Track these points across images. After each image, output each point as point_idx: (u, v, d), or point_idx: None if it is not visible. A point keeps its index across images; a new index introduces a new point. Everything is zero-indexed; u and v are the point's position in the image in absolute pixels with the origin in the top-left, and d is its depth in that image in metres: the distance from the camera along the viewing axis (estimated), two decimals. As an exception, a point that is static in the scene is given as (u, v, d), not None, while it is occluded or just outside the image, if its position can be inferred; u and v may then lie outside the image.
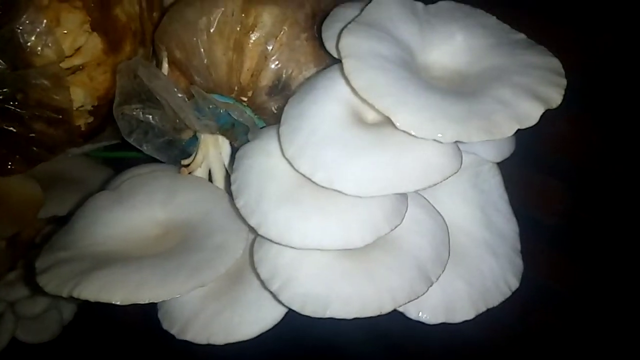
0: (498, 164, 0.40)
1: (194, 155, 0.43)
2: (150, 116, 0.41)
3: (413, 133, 0.28)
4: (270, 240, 0.32)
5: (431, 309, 0.35)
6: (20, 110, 0.44)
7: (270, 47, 0.39)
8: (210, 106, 0.37)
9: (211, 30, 0.39)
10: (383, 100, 0.28)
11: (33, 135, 0.45)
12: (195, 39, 0.39)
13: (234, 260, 0.34)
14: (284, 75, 0.39)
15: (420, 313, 0.35)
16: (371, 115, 0.32)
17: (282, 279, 0.33)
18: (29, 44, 0.41)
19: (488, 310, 0.36)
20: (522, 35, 0.34)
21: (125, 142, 0.58)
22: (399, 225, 0.32)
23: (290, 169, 0.33)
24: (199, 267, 0.33)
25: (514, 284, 0.38)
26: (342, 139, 0.30)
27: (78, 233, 0.38)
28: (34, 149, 0.47)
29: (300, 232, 0.31)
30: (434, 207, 0.36)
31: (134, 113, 0.41)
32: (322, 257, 0.33)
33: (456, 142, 0.29)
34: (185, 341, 0.36)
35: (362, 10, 0.33)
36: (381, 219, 0.31)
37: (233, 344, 0.37)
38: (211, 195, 0.39)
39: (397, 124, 0.28)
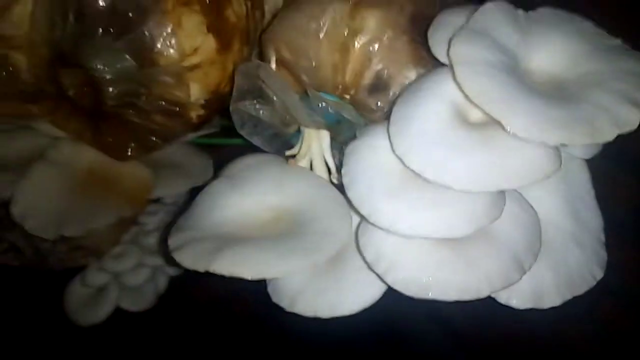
0: (587, 161, 0.42)
1: (298, 147, 0.47)
2: (261, 111, 0.45)
3: (522, 136, 0.31)
4: (380, 228, 0.35)
5: (520, 295, 0.38)
6: (143, 104, 0.49)
7: (373, 49, 0.42)
8: (321, 104, 0.41)
9: (320, 34, 0.43)
10: (494, 106, 0.31)
11: (152, 125, 0.51)
12: (304, 41, 0.43)
13: (342, 243, 0.39)
14: (384, 75, 0.43)
15: (510, 298, 0.38)
16: (474, 116, 0.35)
17: (387, 262, 0.37)
18: (156, 45, 0.46)
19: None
20: (617, 41, 0.36)
21: (222, 131, 0.63)
22: (497, 218, 0.35)
23: (397, 164, 0.36)
24: (312, 249, 0.37)
25: (599, 274, 0.40)
26: (449, 139, 0.34)
27: (200, 216, 0.43)
28: (152, 138, 0.52)
29: (407, 221, 0.34)
30: (526, 201, 0.39)
31: (247, 108, 0.46)
32: (423, 245, 0.36)
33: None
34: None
35: (468, 17, 0.36)
36: (482, 212, 0.34)
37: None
38: (316, 184, 0.43)
39: (508, 128, 0.31)
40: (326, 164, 0.46)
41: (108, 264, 0.69)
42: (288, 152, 0.47)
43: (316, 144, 0.46)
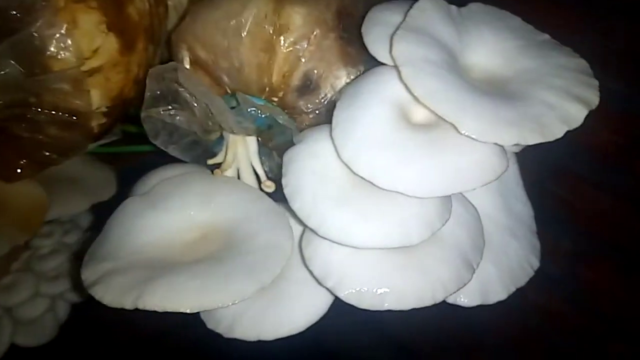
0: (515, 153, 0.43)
1: (222, 155, 0.43)
2: (177, 118, 0.41)
3: (475, 138, 0.30)
4: (330, 240, 0.33)
5: (468, 293, 0.38)
6: (33, 115, 0.42)
7: (301, 48, 0.39)
8: (250, 109, 0.38)
9: (242, 33, 0.39)
10: (445, 107, 0.30)
11: (46, 139, 0.44)
12: (224, 40, 0.40)
13: (287, 258, 0.36)
14: (314, 75, 0.40)
15: (459, 298, 0.38)
16: (417, 117, 0.34)
17: (337, 276, 0.34)
18: (47, 47, 0.40)
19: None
20: (546, 36, 0.37)
21: (125, 139, 0.57)
22: (448, 219, 0.34)
23: (342, 170, 0.34)
24: (255, 269, 0.34)
25: (536, 264, 0.41)
26: (397, 142, 0.32)
27: (116, 242, 0.38)
28: (46, 153, 0.45)
29: (360, 232, 0.32)
30: (466, 198, 0.38)
31: (161, 116, 0.41)
32: (373, 254, 0.35)
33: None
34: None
35: (403, 14, 0.34)
36: (434, 216, 0.33)
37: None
38: (248, 195, 0.40)
39: (462, 130, 0.30)
40: (254, 171, 0.43)
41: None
42: (210, 161, 0.43)
43: (242, 151, 0.42)
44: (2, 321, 0.62)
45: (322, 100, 0.41)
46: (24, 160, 0.46)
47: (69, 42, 0.40)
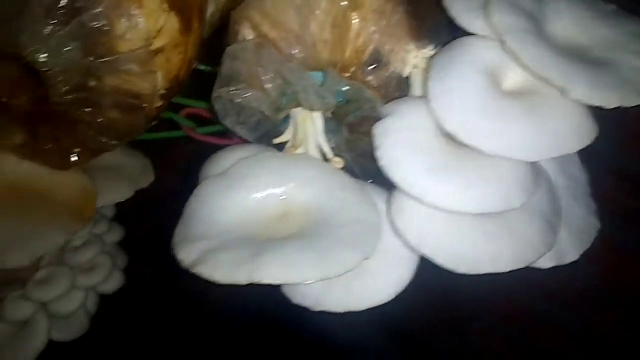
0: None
1: (289, 133, 0.43)
2: (248, 97, 0.41)
3: (586, 101, 0.31)
4: (434, 208, 0.34)
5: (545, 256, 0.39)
6: (97, 99, 0.41)
7: (373, 23, 0.40)
8: (337, 85, 0.38)
9: (314, 10, 0.39)
10: (555, 73, 0.31)
11: (105, 123, 0.43)
12: (297, 18, 0.39)
13: (380, 230, 0.36)
14: (385, 51, 0.40)
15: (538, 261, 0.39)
16: (509, 85, 0.35)
17: (434, 243, 0.35)
18: (114, 28, 0.39)
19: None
20: (613, 6, 0.38)
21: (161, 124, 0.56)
22: (541, 185, 0.35)
23: (435, 140, 0.35)
24: (357, 241, 0.34)
25: (597, 225, 0.43)
26: (498, 109, 0.33)
27: (205, 223, 0.38)
28: (103, 139, 0.44)
29: (464, 198, 0.33)
30: (540, 165, 0.40)
31: (230, 96, 0.41)
32: (468, 220, 0.36)
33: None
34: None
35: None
36: (530, 181, 0.34)
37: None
38: (326, 171, 0.40)
39: (572, 95, 0.31)
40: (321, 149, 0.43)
41: (33, 292, 0.58)
42: (277, 140, 0.43)
43: (310, 128, 0.42)
44: (37, 317, 0.60)
45: (392, 75, 0.41)
46: (79, 148, 0.45)
47: (136, 22, 0.39)
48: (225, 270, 0.33)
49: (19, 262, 0.42)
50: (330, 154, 0.43)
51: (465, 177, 0.34)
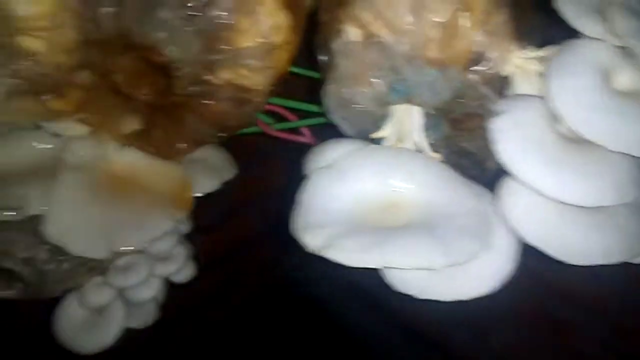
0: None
1: (388, 128, 0.45)
2: (353, 93, 0.43)
3: None
4: (553, 200, 0.36)
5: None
6: (214, 92, 0.43)
7: (480, 24, 0.42)
8: (451, 82, 0.40)
9: (426, 10, 0.41)
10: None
11: (216, 116, 0.45)
12: (407, 17, 0.41)
13: (493, 222, 0.38)
14: (488, 50, 0.42)
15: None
16: (620, 84, 0.37)
17: (545, 234, 0.37)
18: (234, 24, 0.41)
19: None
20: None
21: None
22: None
23: (552, 136, 0.37)
24: (476, 232, 0.36)
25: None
26: (616, 107, 0.35)
27: (323, 210, 0.40)
28: (210, 130, 0.46)
29: (581, 192, 0.35)
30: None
31: (338, 92, 0.43)
32: (575, 213, 0.37)
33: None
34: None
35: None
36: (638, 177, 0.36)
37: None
38: (431, 164, 0.42)
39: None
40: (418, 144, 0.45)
41: (115, 278, 0.60)
42: (375, 135, 0.45)
43: (409, 123, 0.44)
44: (114, 303, 0.62)
45: (494, 74, 0.43)
46: (187, 139, 0.47)
47: (257, 19, 0.41)
48: (355, 254, 0.35)
49: (130, 246, 0.44)
50: (427, 149, 0.45)
51: (581, 171, 0.35)
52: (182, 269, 0.65)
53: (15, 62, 0.41)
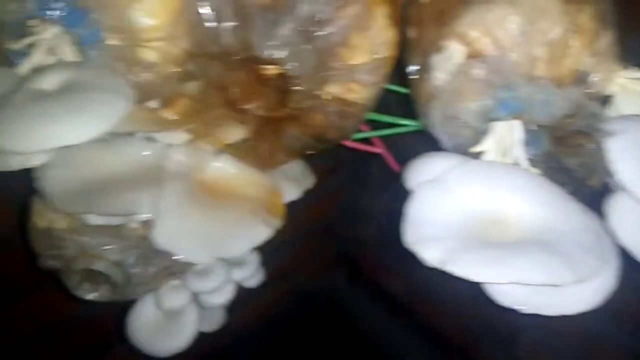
0: None
1: (487, 142, 0.46)
2: (457, 108, 0.44)
3: None
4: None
5: None
6: (323, 105, 0.44)
7: (588, 45, 0.42)
8: (563, 99, 0.41)
9: (536, 29, 0.42)
10: None
11: (321, 129, 0.46)
12: (517, 36, 0.42)
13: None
14: (593, 70, 0.43)
15: None
16: None
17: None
18: (350, 41, 0.42)
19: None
20: None
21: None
22: None
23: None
24: (597, 249, 0.37)
25: None
26: None
27: (432, 224, 0.40)
28: (312, 142, 0.47)
29: None
30: None
31: (441, 107, 0.44)
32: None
33: None
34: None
35: None
36: None
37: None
38: (537, 180, 0.43)
39: None
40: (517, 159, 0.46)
41: (193, 282, 0.61)
42: (474, 149, 0.46)
43: (510, 138, 0.45)
44: (190, 307, 0.63)
45: (596, 94, 0.44)
46: (287, 150, 0.48)
47: (370, 36, 0.42)
48: (479, 270, 0.35)
49: (234, 253, 0.45)
50: (526, 164, 0.46)
51: None
52: (254, 275, 0.66)
53: (134, 72, 0.42)
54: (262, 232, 0.46)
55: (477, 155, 0.46)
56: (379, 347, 1.48)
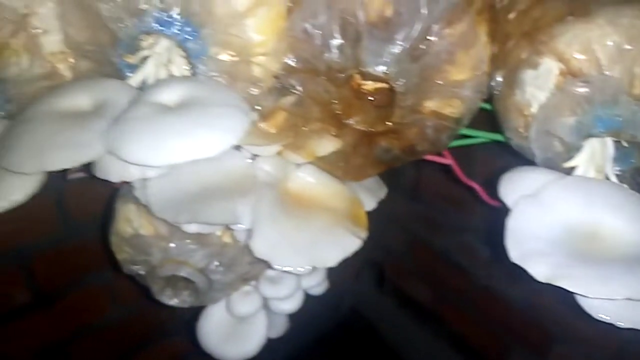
0: None
1: (581, 159, 0.47)
2: (556, 123, 0.44)
3: None
4: None
5: None
6: (419, 119, 0.45)
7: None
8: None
9: (636, 50, 0.43)
10: None
11: (414, 142, 0.47)
12: (617, 55, 0.43)
13: None
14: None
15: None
16: None
17: None
18: (455, 58, 0.43)
19: None
20: None
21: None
22: None
23: None
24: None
25: None
26: None
27: (534, 238, 0.41)
28: (403, 154, 0.48)
29: None
30: None
31: (543, 123, 0.44)
32: None
33: None
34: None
35: None
36: None
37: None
38: (634, 196, 0.44)
39: None
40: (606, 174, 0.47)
41: (266, 289, 0.62)
42: (568, 164, 0.47)
43: (602, 154, 0.46)
44: (260, 313, 0.64)
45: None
46: (377, 162, 0.49)
47: (471, 52, 0.43)
48: (592, 286, 0.36)
49: (329, 264, 0.46)
50: (614, 179, 0.46)
51: None
52: (321, 283, 0.67)
53: (240, 86, 0.43)
54: (353, 243, 0.47)
55: (569, 170, 0.47)
56: (405, 355, 1.48)
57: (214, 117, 0.38)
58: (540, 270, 0.38)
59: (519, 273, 0.40)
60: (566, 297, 0.40)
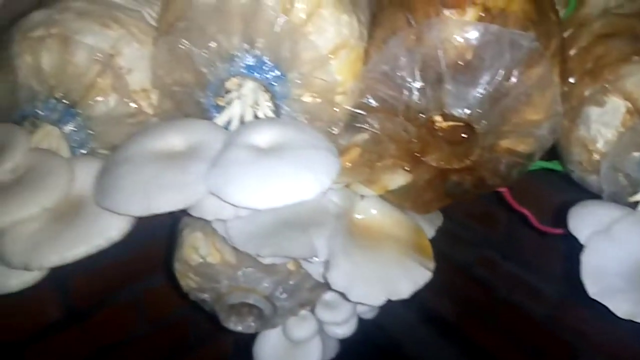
0: None
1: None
2: (623, 158, 0.46)
3: None
4: None
5: None
6: (494, 157, 0.47)
7: None
8: None
9: None
10: None
11: (486, 178, 0.48)
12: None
13: None
14: None
15: None
16: None
17: None
18: (532, 99, 0.44)
19: None
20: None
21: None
22: None
23: None
24: None
25: None
26: None
27: (611, 275, 0.43)
28: (474, 189, 0.50)
29: None
30: None
31: (609, 159, 0.46)
32: None
33: None
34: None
35: None
36: None
37: None
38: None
39: None
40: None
41: (323, 313, 0.64)
42: (632, 198, 0.48)
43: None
44: (315, 338, 0.66)
45: None
46: (443, 196, 0.50)
47: (546, 93, 0.45)
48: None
49: (403, 296, 0.47)
50: (677, 214, 0.48)
51: None
52: (374, 309, 0.69)
53: (321, 126, 0.45)
54: (424, 274, 0.49)
55: (633, 204, 0.48)
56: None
57: (309, 160, 0.39)
58: (621, 307, 0.39)
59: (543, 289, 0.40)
60: (589, 313, 0.41)
